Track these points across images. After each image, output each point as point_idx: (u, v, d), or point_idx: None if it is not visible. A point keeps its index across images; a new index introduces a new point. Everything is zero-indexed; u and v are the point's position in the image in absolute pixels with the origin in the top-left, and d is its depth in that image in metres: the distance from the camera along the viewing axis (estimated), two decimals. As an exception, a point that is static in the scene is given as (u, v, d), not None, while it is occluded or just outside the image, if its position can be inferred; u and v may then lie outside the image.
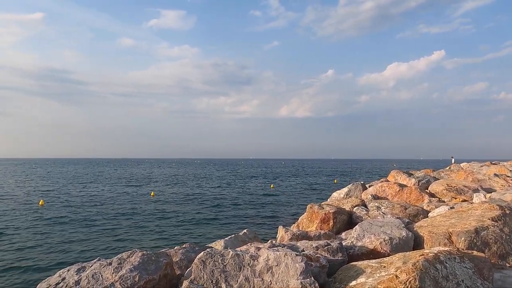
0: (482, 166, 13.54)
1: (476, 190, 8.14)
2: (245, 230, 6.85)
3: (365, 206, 7.40)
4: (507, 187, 8.80)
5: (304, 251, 4.10)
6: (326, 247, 4.20)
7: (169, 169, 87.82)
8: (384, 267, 3.07)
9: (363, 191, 9.27)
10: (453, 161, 37.17)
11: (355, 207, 7.18)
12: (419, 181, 9.73)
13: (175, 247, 5.03)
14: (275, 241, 5.23)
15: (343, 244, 4.49)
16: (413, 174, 11.31)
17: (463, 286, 2.87)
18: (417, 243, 4.47)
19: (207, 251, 3.63)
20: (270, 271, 3.25)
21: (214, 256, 3.53)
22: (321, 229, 6.09)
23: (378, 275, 2.92)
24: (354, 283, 2.99)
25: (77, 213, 20.07)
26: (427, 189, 8.97)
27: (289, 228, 5.89)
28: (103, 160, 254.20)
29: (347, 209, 7.07)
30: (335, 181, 48.19)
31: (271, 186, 39.04)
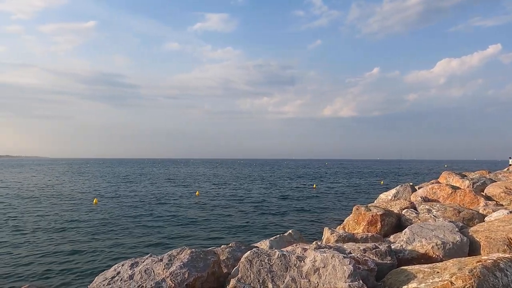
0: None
1: (539, 193, 7.55)
2: (290, 231, 6.85)
3: (415, 208, 7.12)
4: None
5: (351, 253, 4.03)
6: (374, 250, 4.10)
7: (214, 169, 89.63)
8: (438, 272, 2.94)
9: (412, 193, 8.92)
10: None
11: (404, 209, 6.92)
12: (473, 183, 9.18)
13: (222, 246, 5.14)
14: (320, 243, 5.18)
15: (392, 247, 4.36)
16: (466, 176, 10.69)
17: (526, 296, 2.69)
18: (472, 248, 4.23)
19: (254, 251, 3.67)
20: (317, 272, 3.23)
21: (261, 256, 3.57)
22: (368, 232, 5.94)
23: (431, 280, 2.80)
24: (405, 288, 2.89)
25: (127, 211, 21.07)
26: (482, 191, 8.44)
27: (334, 229, 5.81)
28: (149, 160, 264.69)
29: (395, 211, 6.84)
30: (381, 182, 46.72)
31: (314, 186, 38.61)
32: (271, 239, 6.35)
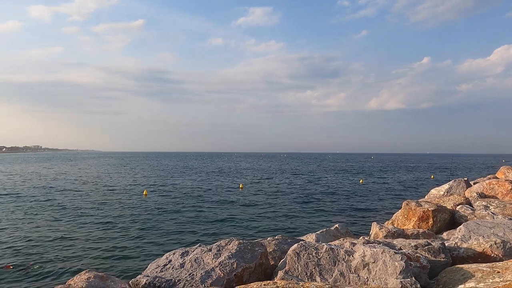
0: None
1: None
2: (336, 225, 6.77)
3: (470, 205, 6.76)
4: None
5: (402, 249, 3.91)
6: (426, 247, 3.95)
7: (257, 163, 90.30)
8: (498, 272, 2.78)
9: (466, 188, 8.47)
10: None
11: (458, 205, 6.60)
12: (537, 179, 8.54)
13: (268, 238, 5.19)
14: (368, 238, 5.07)
15: (446, 244, 4.17)
16: (529, 171, 9.95)
17: None
18: (536, 248, 3.95)
19: (301, 244, 3.68)
20: (367, 267, 3.17)
21: (308, 249, 3.57)
22: (419, 228, 5.74)
23: (491, 280, 2.66)
24: (461, 287, 2.77)
25: (175, 202, 21.84)
26: (547, 188, 7.82)
27: (383, 224, 5.66)
28: (194, 154, 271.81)
29: (448, 207, 6.53)
30: (432, 176, 44.66)
31: (360, 181, 37.73)
32: (317, 232, 6.32)
